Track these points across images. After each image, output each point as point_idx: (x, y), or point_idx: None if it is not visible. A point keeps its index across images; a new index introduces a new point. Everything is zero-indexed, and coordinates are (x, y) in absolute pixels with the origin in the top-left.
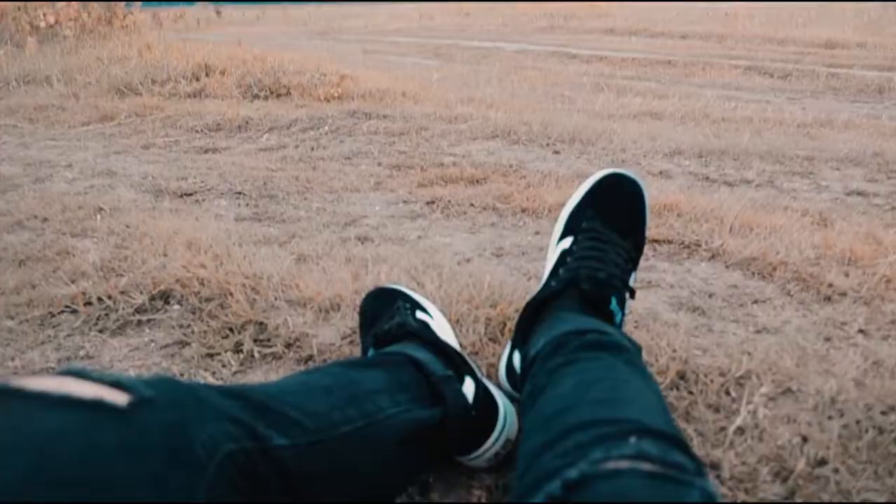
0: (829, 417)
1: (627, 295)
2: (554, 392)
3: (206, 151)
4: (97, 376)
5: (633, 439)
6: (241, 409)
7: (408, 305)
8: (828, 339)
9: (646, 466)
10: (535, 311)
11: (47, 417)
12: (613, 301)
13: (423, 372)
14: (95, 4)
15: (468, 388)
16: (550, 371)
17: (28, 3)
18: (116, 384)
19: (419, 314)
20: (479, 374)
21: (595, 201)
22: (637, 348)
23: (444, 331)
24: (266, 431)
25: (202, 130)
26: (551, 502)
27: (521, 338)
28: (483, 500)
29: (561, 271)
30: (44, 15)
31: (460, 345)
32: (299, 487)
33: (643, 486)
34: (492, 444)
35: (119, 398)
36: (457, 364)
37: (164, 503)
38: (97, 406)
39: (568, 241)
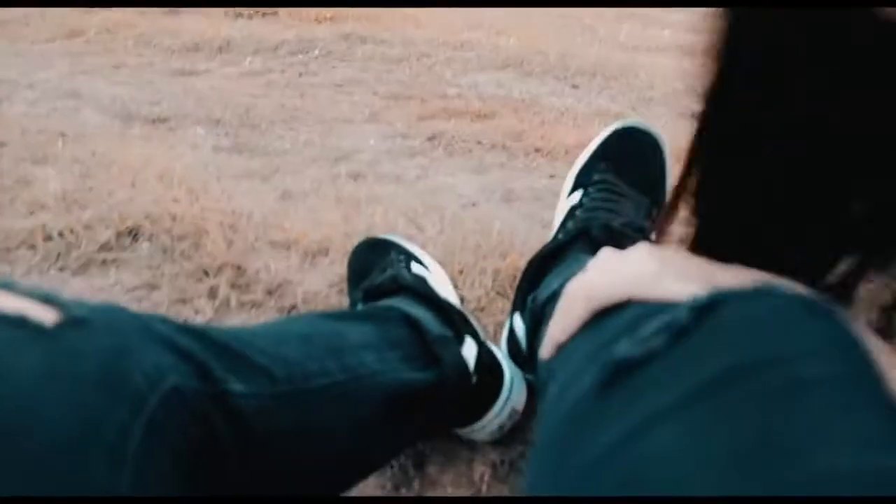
0: None
1: None
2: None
3: (183, 74)
4: (26, 289)
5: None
6: (195, 344)
7: (402, 257)
8: None
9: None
10: (540, 267)
11: None
12: None
13: (417, 330)
14: None
15: (469, 350)
16: None
17: None
18: (44, 299)
19: (415, 267)
20: (481, 336)
21: (607, 154)
22: None
23: (443, 286)
24: (222, 374)
25: (179, 51)
26: (670, 331)
27: (522, 299)
28: (486, 477)
29: (569, 224)
30: None
31: (462, 301)
32: (261, 446)
33: (789, 306)
34: (495, 415)
35: (47, 316)
36: (456, 323)
37: (93, 441)
38: (19, 323)
39: (577, 196)
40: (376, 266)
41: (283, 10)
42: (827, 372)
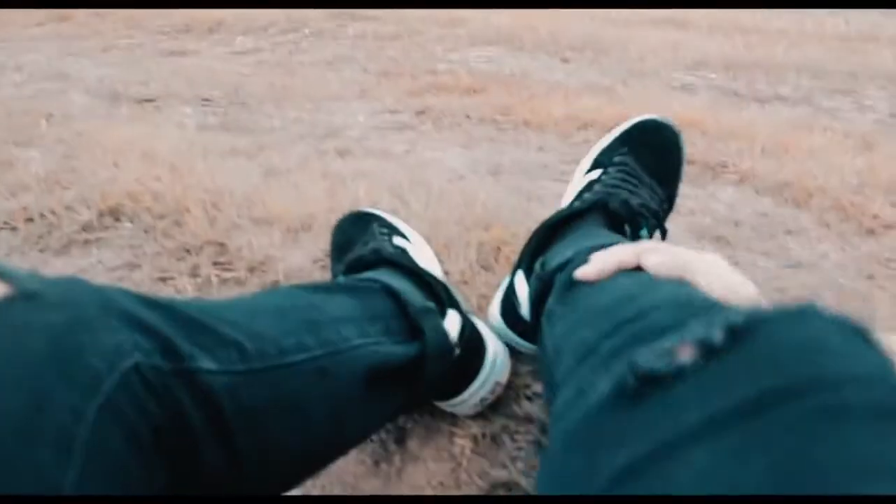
0: None
1: (658, 233)
2: (607, 288)
3: (173, 55)
4: None
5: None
6: (160, 319)
7: (384, 230)
8: (870, 277)
9: (821, 310)
10: (551, 231)
11: None
12: (645, 229)
13: (399, 302)
14: None
15: (452, 322)
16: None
17: None
18: None
19: (397, 240)
20: (464, 308)
21: (630, 141)
22: None
23: (426, 258)
24: (188, 349)
25: (169, 32)
26: (703, 350)
27: (529, 259)
28: (467, 451)
29: (586, 195)
30: None
31: (447, 273)
32: (231, 424)
33: (839, 339)
34: (478, 388)
35: None
36: (439, 295)
37: (39, 423)
38: None
39: (596, 173)
40: (359, 239)
41: None
42: (869, 399)
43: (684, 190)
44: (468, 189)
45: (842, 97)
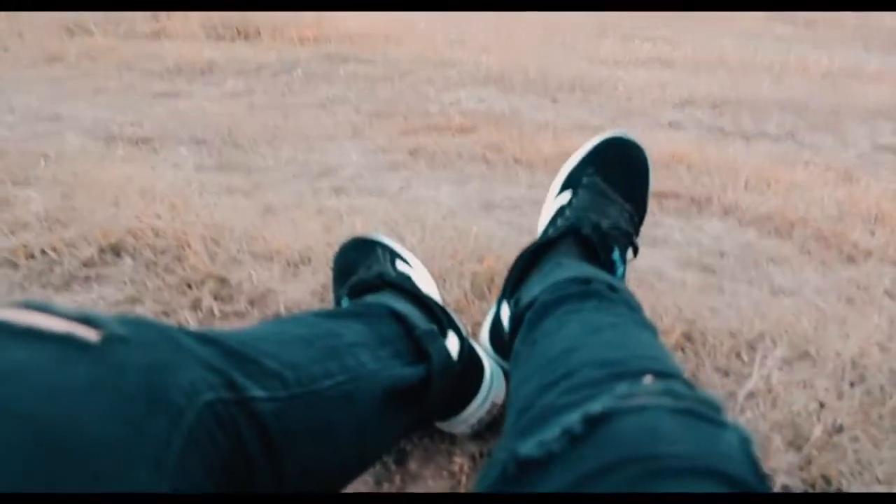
0: (851, 384)
1: (631, 252)
2: (557, 336)
3: (165, 96)
4: (63, 311)
5: (648, 378)
6: (216, 355)
7: (387, 255)
8: (850, 302)
9: (676, 403)
10: (529, 262)
11: (12, 347)
12: (616, 251)
13: (405, 326)
14: None
15: (452, 344)
16: (551, 317)
17: None
18: (85, 320)
19: (399, 265)
20: (463, 332)
21: (597, 161)
22: (639, 306)
23: (427, 284)
24: (242, 381)
25: (161, 74)
26: (567, 438)
27: (510, 290)
28: (465, 469)
29: (559, 221)
30: None
31: (443, 302)
32: (278, 446)
33: (674, 425)
34: (476, 408)
35: (90, 334)
36: (440, 318)
37: (137, 448)
38: (67, 340)
39: (566, 196)
40: (362, 264)
41: (264, 32)
42: (683, 464)
43: (670, 222)
44: (461, 224)
45: (824, 133)
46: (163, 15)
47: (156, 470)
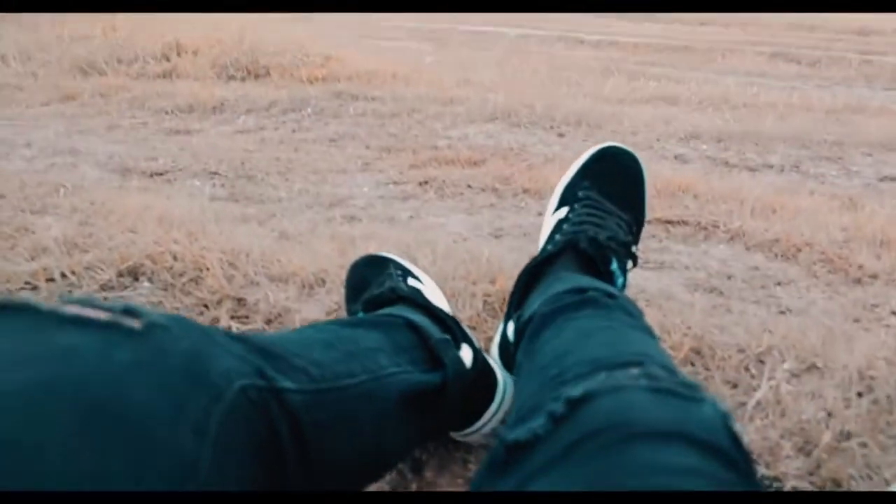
0: (859, 394)
1: (630, 263)
2: (553, 343)
3: (178, 133)
4: (106, 304)
5: (635, 369)
6: (247, 350)
7: (399, 272)
8: (857, 321)
9: (654, 383)
10: (530, 278)
11: (62, 333)
12: (615, 262)
13: (420, 335)
14: None
15: (465, 355)
16: (549, 328)
17: None
18: (128, 310)
19: (411, 281)
20: (476, 344)
21: (591, 174)
22: (640, 312)
23: (438, 299)
24: (272, 373)
25: (173, 112)
26: (551, 420)
27: (515, 306)
28: None
29: (557, 237)
30: None
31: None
32: (308, 436)
33: (649, 400)
34: (490, 417)
35: (133, 322)
36: (453, 330)
37: (180, 416)
38: (112, 325)
39: (563, 211)
40: (374, 280)
41: (274, 72)
42: (652, 429)
43: (678, 248)
44: (472, 248)
45: (829, 164)
46: (174, 55)
47: (199, 436)
